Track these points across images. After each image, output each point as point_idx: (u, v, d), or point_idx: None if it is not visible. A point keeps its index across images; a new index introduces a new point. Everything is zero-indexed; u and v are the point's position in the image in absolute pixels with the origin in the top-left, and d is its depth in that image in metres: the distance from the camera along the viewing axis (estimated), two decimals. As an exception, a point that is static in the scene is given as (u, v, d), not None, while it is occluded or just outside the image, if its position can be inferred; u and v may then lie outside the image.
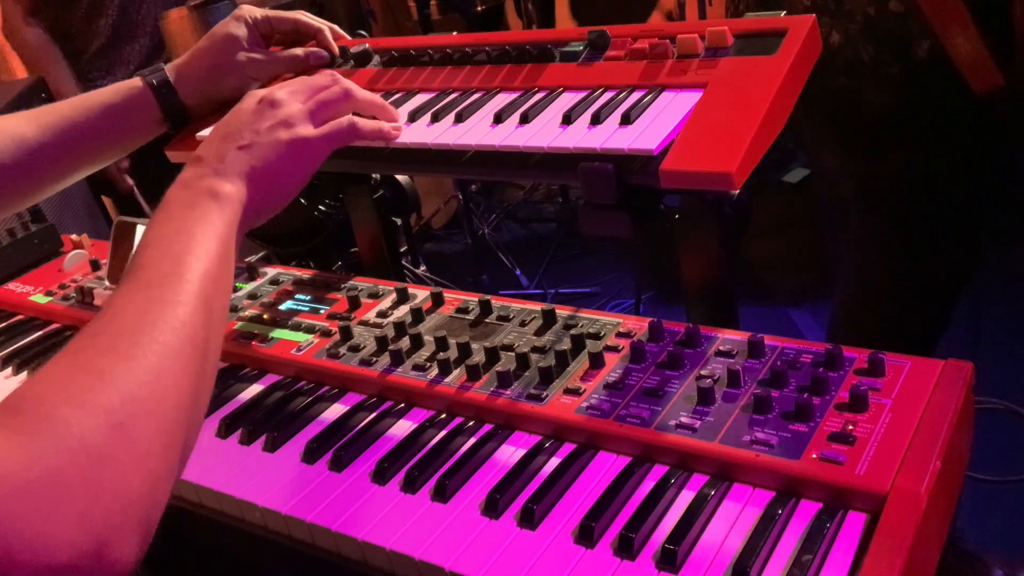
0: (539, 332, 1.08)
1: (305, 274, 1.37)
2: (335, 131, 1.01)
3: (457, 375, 1.04)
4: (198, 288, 0.77)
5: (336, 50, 1.31)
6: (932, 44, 1.38)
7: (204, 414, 0.75)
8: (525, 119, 1.04)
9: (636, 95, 1.02)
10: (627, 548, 0.79)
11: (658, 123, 0.95)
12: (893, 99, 1.48)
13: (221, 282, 0.82)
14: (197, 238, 0.82)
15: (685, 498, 0.84)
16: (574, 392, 0.97)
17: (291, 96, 1.00)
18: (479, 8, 3.96)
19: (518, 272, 3.61)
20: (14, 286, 1.57)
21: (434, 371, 1.06)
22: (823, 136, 1.67)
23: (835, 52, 1.47)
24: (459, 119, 1.09)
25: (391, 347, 1.10)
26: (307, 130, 0.98)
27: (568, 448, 0.94)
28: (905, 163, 1.53)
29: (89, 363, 0.67)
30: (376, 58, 1.29)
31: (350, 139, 1.04)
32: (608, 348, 1.02)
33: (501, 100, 1.11)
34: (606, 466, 0.91)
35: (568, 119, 1.01)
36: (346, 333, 1.15)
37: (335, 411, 1.08)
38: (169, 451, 0.67)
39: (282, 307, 1.28)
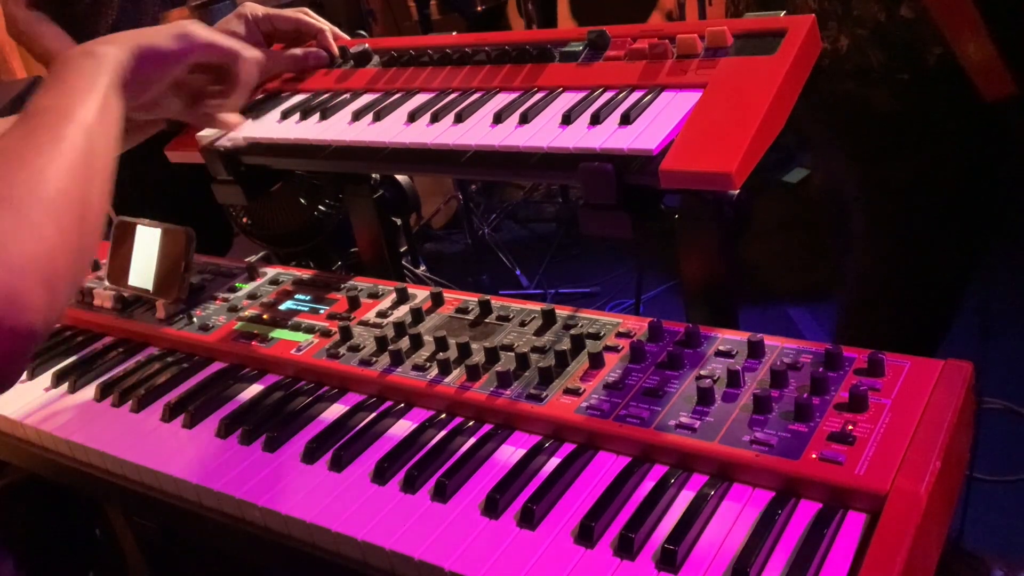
0: (539, 332, 1.08)
1: (305, 274, 1.37)
2: (222, 41, 1.09)
3: (457, 375, 1.04)
4: (82, 128, 0.83)
5: (336, 51, 1.31)
6: (943, 51, 1.37)
7: (94, 245, 0.82)
8: (525, 119, 1.04)
9: (636, 95, 1.02)
10: (627, 548, 0.80)
11: (658, 123, 0.95)
12: (902, 104, 1.47)
13: (101, 131, 0.87)
14: (75, 85, 0.89)
15: (685, 498, 0.84)
16: (574, 392, 0.97)
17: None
18: (479, 8, 3.95)
19: (518, 272, 3.61)
20: (14, 286, 1.57)
21: (434, 371, 1.06)
22: (830, 139, 1.67)
23: (843, 57, 1.46)
24: (459, 119, 1.09)
25: (391, 347, 1.10)
26: (199, 27, 1.06)
27: (568, 448, 0.94)
28: (912, 167, 1.53)
29: None
30: (376, 58, 1.29)
31: (229, 58, 1.10)
32: (608, 348, 1.02)
33: (501, 100, 1.11)
34: (606, 466, 0.91)
35: (568, 119, 1.01)
36: (346, 333, 1.15)
37: (335, 411, 1.08)
38: (63, 231, 0.75)
39: (282, 307, 1.28)
